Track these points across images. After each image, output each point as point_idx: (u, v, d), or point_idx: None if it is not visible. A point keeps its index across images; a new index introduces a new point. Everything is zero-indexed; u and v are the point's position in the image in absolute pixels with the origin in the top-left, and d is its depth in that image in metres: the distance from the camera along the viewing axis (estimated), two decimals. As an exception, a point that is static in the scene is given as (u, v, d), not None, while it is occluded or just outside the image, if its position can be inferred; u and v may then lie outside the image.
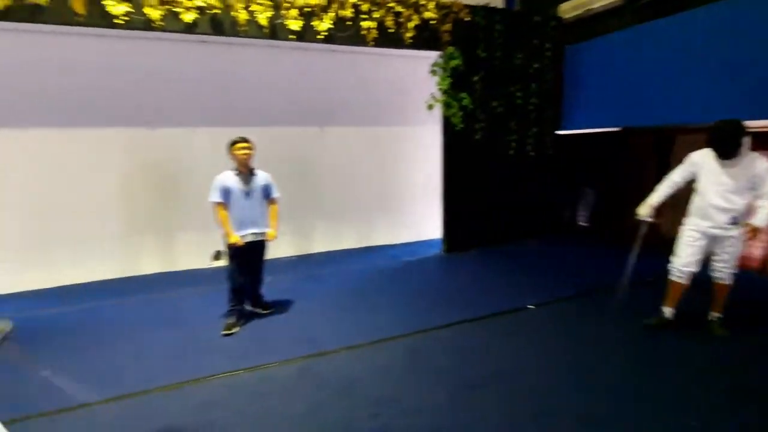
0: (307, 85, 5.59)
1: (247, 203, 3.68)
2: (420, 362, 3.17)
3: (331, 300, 4.36)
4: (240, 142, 3.64)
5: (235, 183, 3.64)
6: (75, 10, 3.95)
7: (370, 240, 6.34)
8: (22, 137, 4.57)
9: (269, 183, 3.83)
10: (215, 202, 3.60)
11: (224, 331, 3.65)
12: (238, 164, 3.66)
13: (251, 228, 3.71)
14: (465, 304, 4.22)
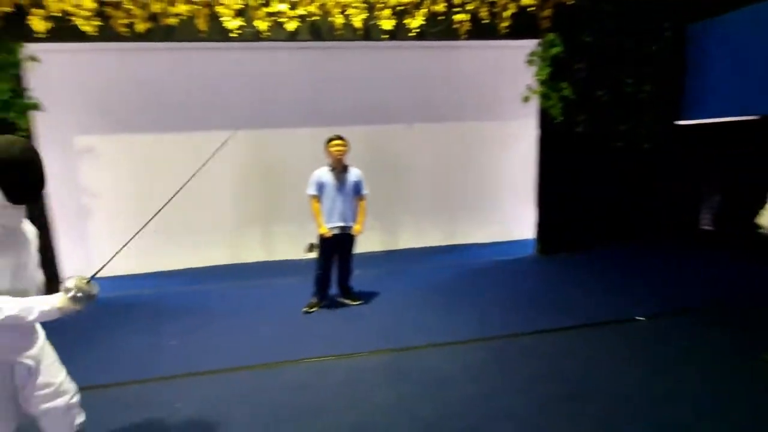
0: (396, 83, 5.67)
1: (338, 197, 3.92)
2: (510, 367, 3.05)
3: (417, 297, 4.38)
4: (335, 139, 3.90)
5: (328, 178, 3.92)
6: (199, 28, 4.48)
7: (456, 238, 6.24)
8: (156, 140, 5.33)
9: (360, 180, 4.02)
10: (310, 195, 3.95)
11: (305, 308, 4.09)
12: (333, 161, 3.92)
13: (339, 221, 3.94)
14: (560, 310, 3.94)
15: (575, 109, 5.33)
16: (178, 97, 5.27)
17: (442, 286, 4.65)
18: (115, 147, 5.29)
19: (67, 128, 5.07)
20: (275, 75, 5.40)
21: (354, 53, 5.43)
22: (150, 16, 4.38)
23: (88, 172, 5.27)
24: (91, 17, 4.27)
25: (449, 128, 5.96)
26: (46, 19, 4.21)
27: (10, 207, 1.63)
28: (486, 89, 5.86)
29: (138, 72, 5.12)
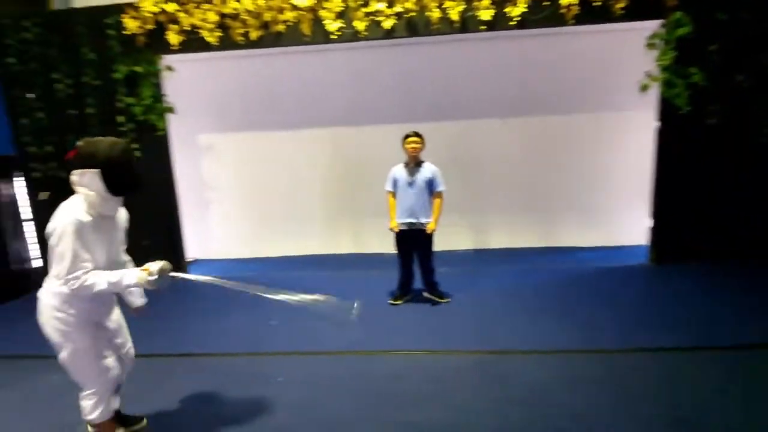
0: (492, 76, 5.44)
1: (409, 193, 3.92)
2: (612, 383, 2.76)
3: (511, 299, 4.18)
4: (410, 136, 3.91)
5: (402, 174, 3.97)
6: (303, 32, 4.77)
7: (553, 240, 5.82)
8: (265, 137, 5.83)
9: (435, 176, 3.93)
10: (387, 191, 4.06)
11: (390, 300, 4.21)
12: (407, 157, 3.95)
13: (408, 217, 3.94)
14: (673, 327, 3.45)
15: (706, 98, 4.60)
16: (284, 97, 5.69)
17: (539, 290, 4.38)
18: (231, 144, 5.89)
19: (192, 128, 5.78)
20: (371, 73, 5.54)
21: (447, 48, 5.33)
22: (262, 24, 4.77)
23: (208, 167, 5.96)
24: (214, 29, 4.78)
25: (549, 122, 5.56)
26: (179, 33, 4.82)
27: (110, 198, 1.96)
28: (594, 78, 5.34)
29: (249, 76, 5.63)
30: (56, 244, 1.89)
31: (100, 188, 1.92)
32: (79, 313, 2.02)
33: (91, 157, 1.91)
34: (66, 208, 1.93)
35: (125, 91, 4.97)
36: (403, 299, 4.21)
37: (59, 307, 1.99)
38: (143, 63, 4.90)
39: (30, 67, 4.98)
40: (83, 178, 1.93)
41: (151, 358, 3.33)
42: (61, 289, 1.95)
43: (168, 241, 5.29)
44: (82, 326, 2.04)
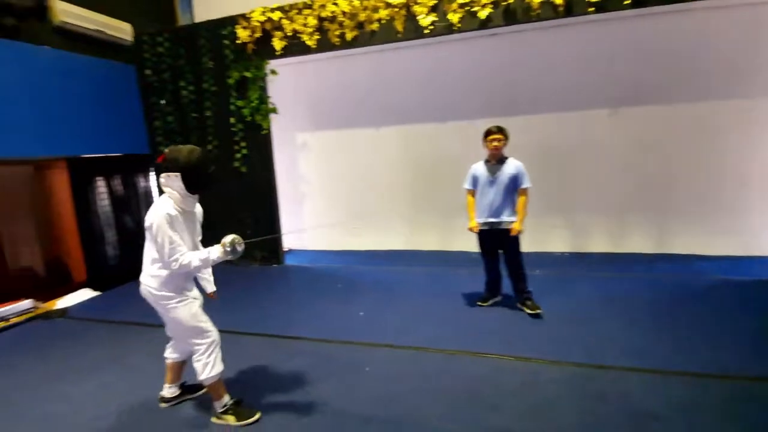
0: (599, 62, 4.95)
1: (490, 191, 3.68)
2: (736, 416, 2.33)
3: (614, 309, 3.76)
4: (492, 133, 3.64)
5: (482, 171, 3.73)
6: (396, 29, 4.80)
7: (667, 246, 5.11)
8: (351, 136, 6.01)
9: (519, 172, 3.64)
10: (466, 189, 3.85)
11: (479, 301, 4.03)
12: (489, 154, 3.72)
13: (490, 216, 3.70)
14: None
15: None
16: (373, 94, 5.82)
17: (649, 302, 3.88)
18: (323, 142, 6.19)
19: (290, 127, 6.18)
20: (461, 67, 5.40)
21: (545, 35, 4.97)
22: (357, 24, 4.92)
23: (303, 163, 6.34)
24: (313, 32, 5.05)
25: (666, 112, 4.89)
26: (282, 38, 5.17)
27: (188, 196, 2.35)
28: (725, 61, 4.57)
29: (341, 75, 5.85)
30: (155, 235, 2.26)
31: (181, 188, 2.31)
32: (175, 288, 2.40)
33: (174, 162, 2.29)
34: (158, 205, 2.31)
35: (236, 95, 5.50)
36: (490, 301, 4.02)
37: (159, 288, 2.37)
38: (252, 68, 5.36)
39: (162, 77, 5.75)
40: (168, 180, 2.32)
41: (252, 337, 3.63)
42: (159, 272, 2.36)
43: (268, 232, 5.74)
44: (181, 299, 2.41)
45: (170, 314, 2.42)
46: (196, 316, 2.44)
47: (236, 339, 3.60)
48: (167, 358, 2.71)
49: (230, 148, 5.63)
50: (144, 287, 2.44)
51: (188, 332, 2.44)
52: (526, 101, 5.24)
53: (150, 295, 2.42)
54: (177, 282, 2.40)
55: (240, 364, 3.17)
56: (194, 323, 2.43)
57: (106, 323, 4.18)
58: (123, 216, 5.81)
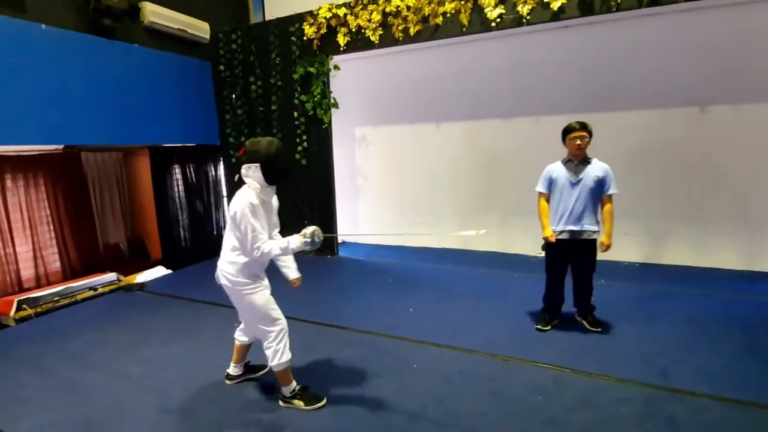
0: (690, 56, 4.48)
1: (572, 194, 3.25)
2: None
3: (696, 330, 3.40)
4: (575, 130, 3.20)
5: (562, 172, 3.30)
6: (462, 23, 4.69)
7: (761, 263, 4.55)
8: (411, 131, 5.97)
9: (606, 176, 3.22)
10: (539, 192, 3.44)
11: (537, 325, 3.54)
12: (570, 153, 3.29)
13: (571, 224, 3.27)
14: None
15: None
16: (433, 90, 5.74)
17: (737, 324, 3.46)
18: (381, 136, 6.23)
19: (350, 121, 6.28)
20: (537, 59, 5.15)
21: (631, 25, 4.59)
22: (421, 18, 4.87)
23: (361, 157, 6.42)
24: (377, 28, 5.07)
25: (756, 113, 4.32)
26: (346, 34, 5.25)
27: (267, 186, 2.45)
28: None
29: (402, 71, 5.83)
30: (239, 224, 2.33)
31: (260, 178, 2.40)
32: (250, 275, 2.49)
33: (254, 153, 2.39)
34: (241, 194, 2.40)
35: (300, 89, 5.68)
36: (552, 324, 3.52)
37: (235, 275, 2.47)
38: (316, 64, 5.51)
39: (234, 73, 6.09)
40: (249, 171, 2.42)
41: (305, 324, 3.76)
42: (237, 259, 2.46)
43: (325, 223, 5.90)
44: (255, 286, 2.51)
45: (244, 300, 2.50)
46: (268, 303, 2.52)
47: (290, 324, 3.74)
48: (237, 339, 2.83)
49: (293, 140, 5.84)
50: (220, 272, 2.55)
51: (260, 319, 2.52)
52: (600, 99, 4.89)
53: (226, 280, 2.52)
54: (253, 269, 2.49)
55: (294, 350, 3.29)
56: (266, 310, 2.51)
57: (178, 299, 4.53)
58: (194, 201, 6.26)
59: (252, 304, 2.50)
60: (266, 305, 2.52)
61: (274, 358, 2.53)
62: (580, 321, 3.56)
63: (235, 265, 2.46)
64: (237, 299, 2.56)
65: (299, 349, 3.26)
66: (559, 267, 3.43)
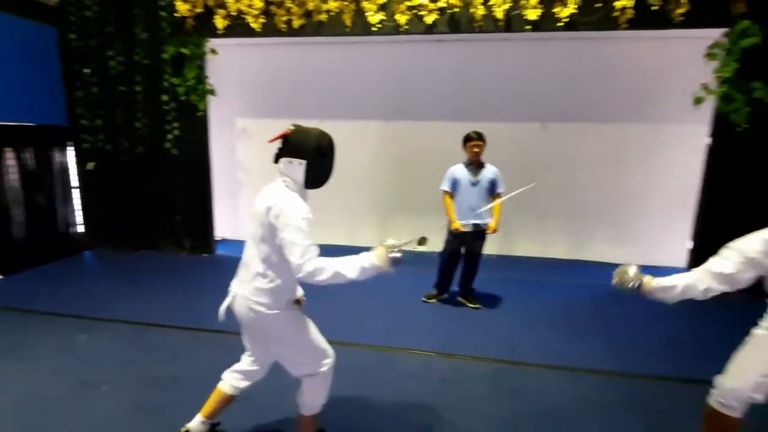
0: (535, 78, 5.24)
1: (473, 193, 3.87)
2: (642, 413, 2.62)
3: (536, 311, 4.06)
4: (473, 139, 3.84)
5: (464, 173, 3.90)
6: (345, 23, 4.77)
7: (583, 253, 5.58)
8: (285, 124, 5.89)
9: (496, 177, 3.93)
10: (443, 190, 3.97)
11: (424, 297, 4.22)
12: (470, 158, 3.90)
13: (473, 218, 3.85)
14: (704, 357, 3.22)
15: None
16: (321, 87, 5.73)
17: (567, 305, 4.23)
18: (265, 129, 6.01)
19: (230, 111, 5.94)
20: (413, 68, 5.47)
21: (491, 46, 5.18)
22: (305, 12, 4.82)
23: (242, 150, 6.11)
24: (259, 15, 4.88)
25: (591, 129, 5.30)
26: (225, 17, 4.94)
27: (303, 190, 1.97)
28: (644, 87, 5.03)
29: (288, 64, 5.70)
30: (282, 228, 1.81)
31: (301, 179, 1.92)
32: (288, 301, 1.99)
33: (300, 146, 1.90)
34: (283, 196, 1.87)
35: (171, 71, 5.18)
36: (439, 298, 4.23)
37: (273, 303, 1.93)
38: (190, 45, 5.08)
39: (88, 44, 5.28)
40: (290, 167, 1.93)
41: (178, 330, 3.48)
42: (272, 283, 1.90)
43: (199, 218, 5.51)
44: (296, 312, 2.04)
45: (288, 332, 1.96)
46: (317, 332, 2.05)
47: (158, 332, 3.45)
48: (229, 383, 2.14)
49: (161, 127, 5.30)
50: (246, 303, 1.91)
51: (310, 351, 2.01)
52: (473, 109, 5.40)
53: (259, 310, 1.90)
54: (290, 294, 1.97)
55: (163, 360, 3.04)
56: (317, 341, 2.03)
57: (9, 310, 3.81)
58: (34, 193, 5.28)
59: (299, 335, 1.98)
60: (315, 332, 2.04)
61: (314, 402, 2.06)
62: (461, 301, 4.14)
63: (271, 291, 1.89)
64: (277, 333, 1.96)
65: (169, 360, 3.03)
66: (456, 252, 4.03)
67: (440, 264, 4.14)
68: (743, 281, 1.87)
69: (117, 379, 2.81)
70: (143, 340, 3.33)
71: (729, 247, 1.92)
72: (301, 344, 2.00)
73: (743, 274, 1.85)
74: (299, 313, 2.05)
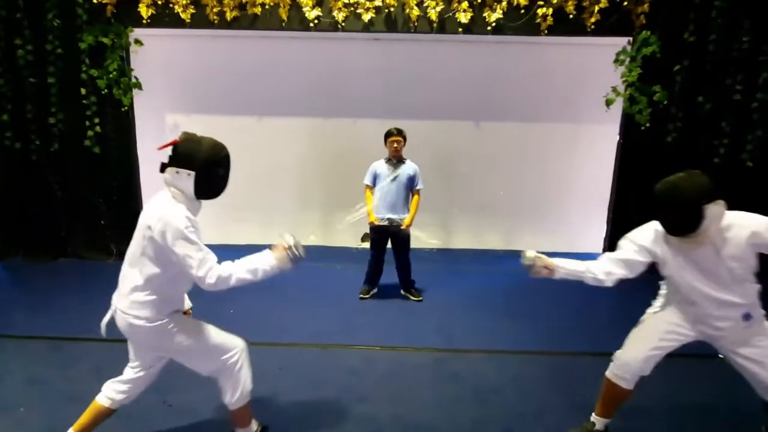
0: (467, 78, 5.48)
1: (390, 188, 3.99)
2: (566, 387, 2.90)
3: (471, 299, 4.29)
4: (393, 135, 3.95)
5: (383, 169, 4.05)
6: (281, 17, 4.69)
7: (515, 243, 5.94)
8: (234, 122, 5.71)
9: (415, 174, 4.05)
10: (365, 184, 4.10)
11: (360, 294, 4.28)
12: (390, 154, 4.01)
13: (389, 213, 4.00)
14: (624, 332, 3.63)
15: (667, 117, 4.80)
16: (256, 82, 5.58)
17: (500, 292, 4.50)
18: (198, 125, 5.70)
19: (159, 106, 5.60)
20: (350, 65, 5.49)
21: (427, 47, 5.35)
22: (238, 4, 4.67)
23: (175, 147, 5.79)
24: (188, 5, 4.65)
25: (518, 128, 5.66)
26: (151, 5, 4.65)
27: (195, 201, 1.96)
28: (564, 89, 5.47)
29: (223, 57, 5.48)
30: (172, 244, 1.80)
31: (190, 190, 1.87)
32: (171, 312, 1.99)
33: (189, 157, 1.84)
34: (167, 207, 1.84)
35: (90, 62, 4.78)
36: (371, 292, 4.30)
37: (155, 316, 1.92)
38: (111, 34, 4.72)
39: (-10, 30, 4.72)
40: (176, 178, 1.87)
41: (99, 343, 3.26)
42: (151, 295, 1.89)
43: (127, 221, 5.12)
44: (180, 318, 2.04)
45: (176, 339, 1.93)
46: (208, 328, 2.02)
47: (77, 346, 3.22)
48: (108, 398, 2.05)
49: (81, 123, 4.89)
50: (125, 317, 1.88)
51: (210, 349, 1.99)
52: (407, 107, 5.54)
53: (140, 323, 1.87)
54: (173, 304, 1.96)
55: (84, 377, 2.84)
56: (213, 336, 2.01)
57: None
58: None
59: (190, 339, 1.95)
60: (209, 331, 2.02)
61: (236, 392, 2.04)
62: (405, 294, 4.26)
63: (152, 303, 1.86)
64: (163, 342, 1.94)
65: (90, 376, 2.81)
66: (379, 246, 4.13)
67: (369, 259, 4.27)
68: (639, 266, 2.14)
69: (31, 400, 2.59)
70: (60, 357, 3.10)
71: (626, 237, 2.21)
72: (195, 347, 1.98)
73: (638, 260, 2.11)
74: (186, 318, 2.05)
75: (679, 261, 2.05)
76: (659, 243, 2.10)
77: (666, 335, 2.15)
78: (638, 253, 2.12)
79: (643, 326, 2.28)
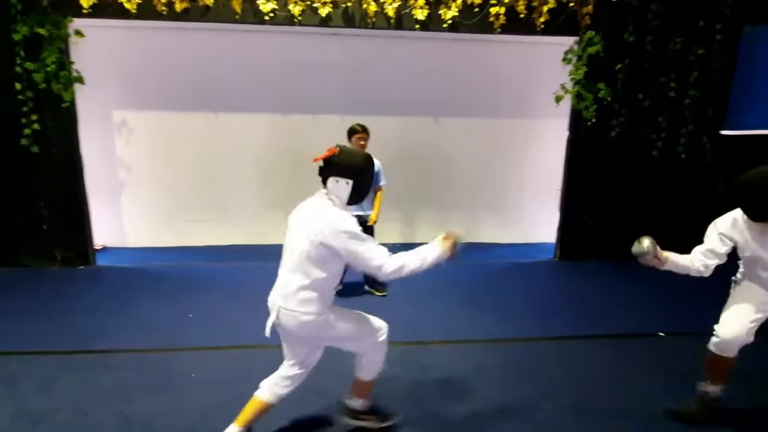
0: (426, 75, 5.58)
1: None
2: (526, 372, 3.04)
3: (435, 292, 4.38)
4: (358, 132, 3.94)
5: None
6: (234, 10, 4.56)
7: (475, 236, 6.16)
8: (186, 118, 5.50)
9: (379, 170, 4.05)
10: None
11: None
12: None
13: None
14: (577, 318, 3.86)
15: (611, 112, 5.11)
16: (210, 77, 5.39)
17: (463, 284, 4.63)
18: (148, 123, 5.49)
19: (106, 102, 5.30)
20: (308, 60, 5.43)
21: (385, 42, 5.39)
22: (188, -5, 4.49)
23: (123, 146, 5.50)
24: (134, -5, 4.41)
25: (476, 124, 5.84)
26: (92, -5, 4.38)
27: (347, 207, 2.17)
28: (518, 86, 5.70)
29: (173, 51, 5.27)
30: (345, 245, 2.01)
31: (346, 197, 2.10)
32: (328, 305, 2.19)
33: (349, 166, 2.07)
34: (331, 212, 2.06)
35: (24, 55, 4.43)
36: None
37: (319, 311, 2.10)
38: (48, 24, 4.40)
39: None
40: (337, 186, 2.10)
41: (46, 356, 3.07)
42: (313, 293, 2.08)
43: (72, 225, 4.83)
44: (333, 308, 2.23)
45: (338, 328, 2.15)
46: (357, 313, 2.27)
47: (19, 360, 3.00)
48: (275, 393, 2.23)
49: (16, 120, 4.52)
50: (291, 316, 2.08)
51: (366, 333, 2.23)
52: (367, 103, 5.55)
53: (306, 319, 2.07)
54: (329, 299, 2.17)
55: (28, 393, 2.65)
56: (362, 319, 2.25)
57: None
58: None
59: (349, 324, 2.20)
60: (359, 316, 2.26)
61: (375, 366, 2.29)
62: (369, 291, 4.29)
63: (316, 299, 2.08)
64: (326, 334, 2.17)
65: (38, 392, 2.64)
66: None
67: None
68: (723, 252, 2.38)
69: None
70: (4, 373, 2.89)
71: (711, 225, 2.46)
72: (351, 332, 2.21)
73: (720, 247, 2.36)
74: (339, 309, 2.27)
75: (758, 243, 2.30)
76: (737, 229, 2.32)
77: (761, 306, 2.37)
78: (720, 241, 2.36)
79: (736, 302, 2.46)
